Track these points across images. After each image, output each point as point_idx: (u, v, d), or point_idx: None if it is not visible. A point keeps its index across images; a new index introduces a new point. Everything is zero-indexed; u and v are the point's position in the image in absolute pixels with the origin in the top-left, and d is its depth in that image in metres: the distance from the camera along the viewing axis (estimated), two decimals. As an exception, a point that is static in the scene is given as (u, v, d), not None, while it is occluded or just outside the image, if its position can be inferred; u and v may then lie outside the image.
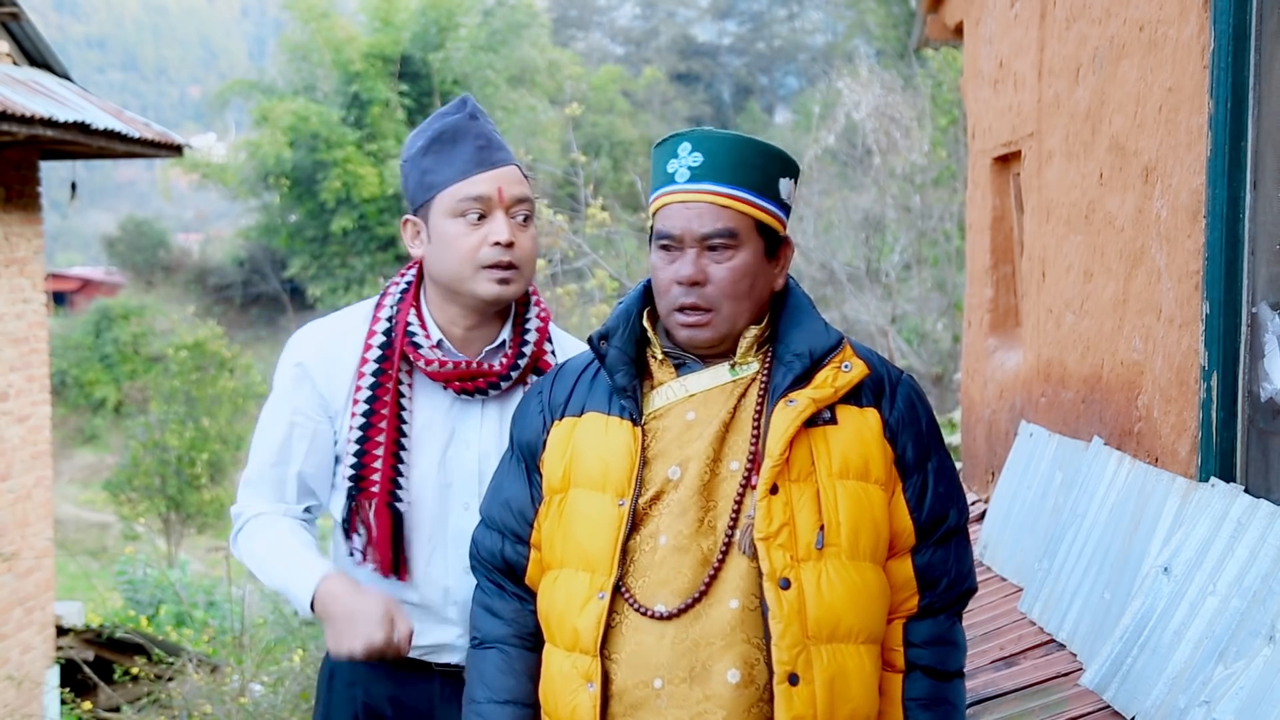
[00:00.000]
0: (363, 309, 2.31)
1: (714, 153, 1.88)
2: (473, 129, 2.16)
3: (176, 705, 6.96)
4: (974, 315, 5.49)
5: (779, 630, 1.80)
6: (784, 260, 1.95)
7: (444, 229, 2.15)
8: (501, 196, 2.15)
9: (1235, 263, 2.80)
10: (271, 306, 29.65)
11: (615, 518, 1.88)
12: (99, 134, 8.19)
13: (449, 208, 2.14)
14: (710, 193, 1.87)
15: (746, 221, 1.88)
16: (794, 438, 1.84)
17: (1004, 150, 4.88)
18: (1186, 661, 2.60)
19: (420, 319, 2.23)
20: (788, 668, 1.80)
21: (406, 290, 2.26)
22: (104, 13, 76.05)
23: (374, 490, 2.20)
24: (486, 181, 2.14)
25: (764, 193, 1.89)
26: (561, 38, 35.41)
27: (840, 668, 1.83)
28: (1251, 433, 2.79)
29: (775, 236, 1.92)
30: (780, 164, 1.92)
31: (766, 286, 1.93)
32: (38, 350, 8.97)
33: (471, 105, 2.21)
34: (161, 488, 17.82)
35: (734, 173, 1.88)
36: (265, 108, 25.86)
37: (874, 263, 13.75)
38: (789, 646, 1.80)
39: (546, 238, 9.26)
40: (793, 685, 1.80)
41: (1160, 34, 3.19)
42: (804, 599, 1.81)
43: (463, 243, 2.14)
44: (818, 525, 1.84)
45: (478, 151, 2.15)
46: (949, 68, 12.93)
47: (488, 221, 2.15)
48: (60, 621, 9.42)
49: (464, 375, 2.20)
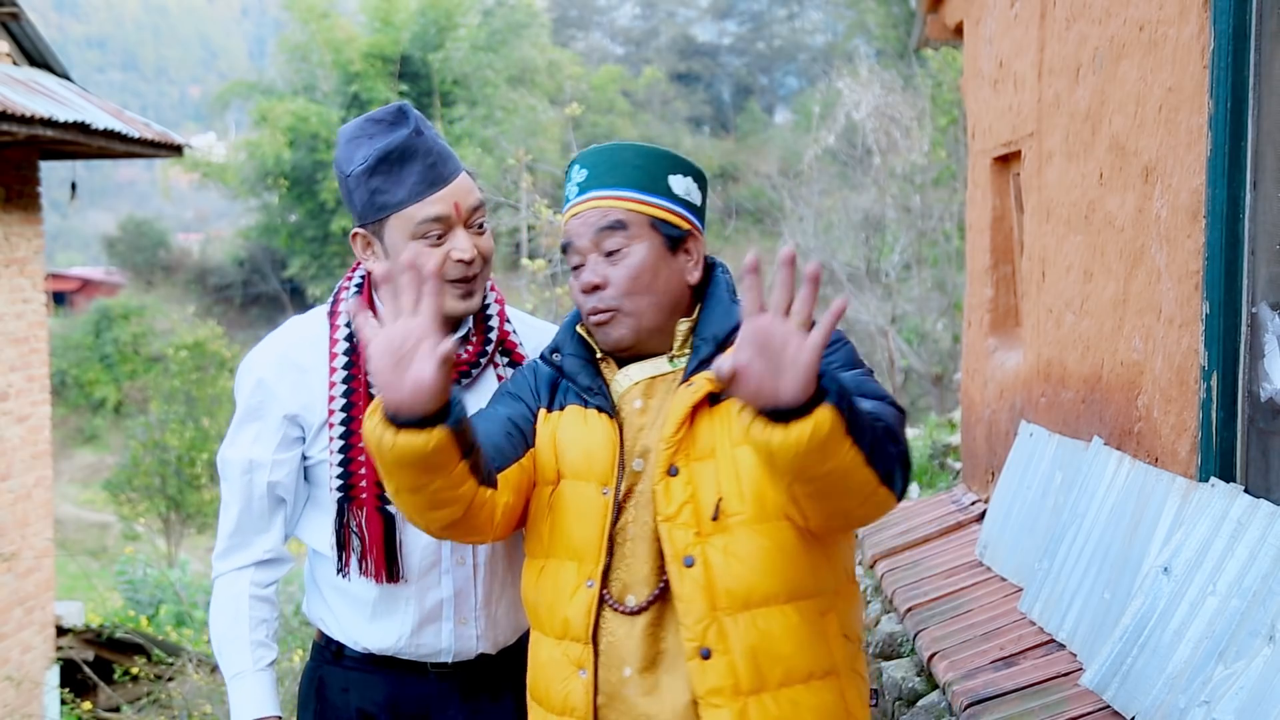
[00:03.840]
0: (314, 317, 2.27)
1: (596, 164, 1.97)
2: (421, 146, 2.10)
3: (176, 705, 6.96)
4: (974, 315, 5.49)
5: (682, 608, 1.86)
6: (693, 252, 1.98)
7: (401, 250, 2.10)
8: (459, 212, 2.12)
9: (1235, 263, 2.80)
10: (271, 306, 29.65)
11: (601, 506, 1.92)
12: (99, 134, 8.19)
13: (407, 230, 2.10)
14: (595, 198, 1.96)
15: (636, 218, 1.94)
16: (693, 417, 1.89)
17: (1004, 150, 4.88)
18: (1186, 661, 2.60)
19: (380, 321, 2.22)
20: (696, 643, 1.85)
21: (358, 294, 2.23)
22: (104, 13, 76.05)
23: (364, 497, 2.18)
24: (443, 201, 2.10)
25: (651, 189, 1.95)
26: (561, 38, 35.41)
27: (763, 633, 1.85)
28: (1251, 433, 2.79)
29: (676, 230, 1.96)
30: (667, 163, 1.97)
31: (675, 280, 1.96)
32: (38, 350, 8.98)
33: (415, 118, 2.15)
34: (161, 488, 17.82)
35: (615, 175, 1.95)
36: (265, 108, 25.87)
37: (874, 263, 13.76)
38: (694, 623, 1.85)
39: (546, 238, 9.26)
40: (705, 659, 1.85)
41: (1160, 34, 3.19)
42: (711, 573, 1.85)
43: (422, 262, 2.11)
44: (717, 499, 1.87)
45: (429, 170, 2.10)
46: (949, 68, 12.93)
47: (448, 238, 2.11)
48: (60, 621, 9.42)
49: None
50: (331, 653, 2.30)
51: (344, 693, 2.28)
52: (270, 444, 2.21)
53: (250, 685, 2.20)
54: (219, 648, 2.25)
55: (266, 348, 2.25)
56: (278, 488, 2.22)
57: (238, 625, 2.22)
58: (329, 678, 2.30)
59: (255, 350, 2.27)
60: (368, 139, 2.12)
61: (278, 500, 2.25)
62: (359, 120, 2.17)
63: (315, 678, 2.32)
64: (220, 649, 2.25)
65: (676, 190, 1.97)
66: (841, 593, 1.93)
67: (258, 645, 2.22)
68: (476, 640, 2.26)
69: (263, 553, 2.26)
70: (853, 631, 1.96)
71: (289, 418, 2.20)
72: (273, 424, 2.20)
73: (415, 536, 2.21)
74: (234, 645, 2.22)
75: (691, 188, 1.99)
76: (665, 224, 1.95)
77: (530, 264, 9.12)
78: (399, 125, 2.12)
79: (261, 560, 2.26)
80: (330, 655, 2.30)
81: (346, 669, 2.28)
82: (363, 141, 2.12)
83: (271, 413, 2.20)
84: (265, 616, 2.25)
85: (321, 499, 2.25)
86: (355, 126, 2.16)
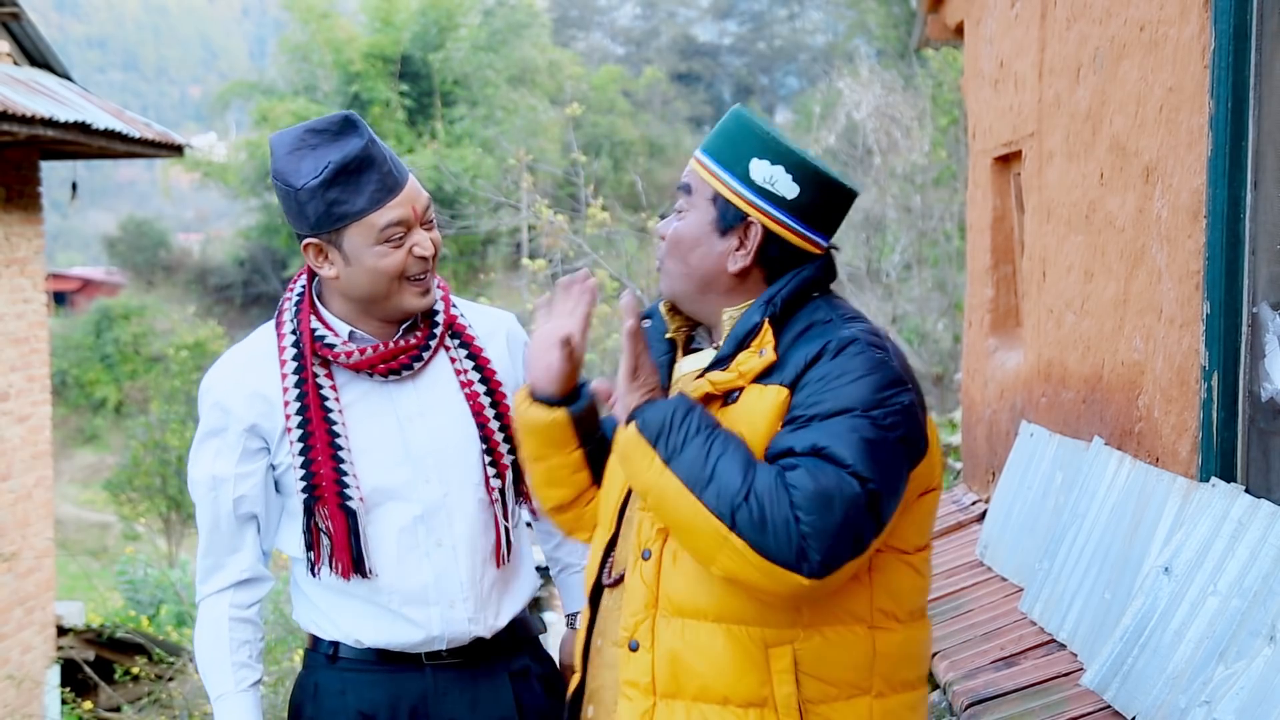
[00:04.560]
0: (264, 332, 2.33)
1: (717, 128, 1.97)
2: (376, 154, 2.16)
3: (177, 705, 6.97)
4: (974, 315, 5.49)
5: (626, 598, 1.90)
6: (743, 242, 1.91)
7: (364, 255, 2.16)
8: (416, 213, 2.19)
9: (1236, 263, 2.80)
10: (272, 306, 29.03)
11: (621, 482, 1.98)
12: (99, 134, 8.19)
13: (370, 236, 2.15)
14: (695, 157, 1.98)
15: (703, 186, 1.94)
16: None
17: (1004, 150, 4.88)
18: (1187, 661, 2.60)
19: (323, 322, 2.26)
20: (628, 634, 1.88)
21: (300, 300, 2.28)
22: (104, 13, 76.05)
23: (326, 496, 2.22)
24: (401, 205, 2.17)
25: (727, 164, 1.91)
26: (562, 38, 35.41)
27: (688, 643, 1.83)
28: (1252, 433, 2.78)
29: (732, 212, 1.91)
30: (757, 145, 1.90)
31: (712, 261, 1.92)
32: (38, 350, 8.98)
33: (364, 128, 2.18)
34: (162, 488, 17.81)
35: (714, 140, 1.95)
36: (265, 108, 25.85)
37: (874, 262, 13.75)
38: (631, 614, 1.88)
39: (547, 238, 9.26)
40: (632, 651, 1.87)
41: (1161, 34, 3.18)
42: (659, 570, 1.87)
43: (387, 263, 2.17)
44: None
45: (385, 177, 2.16)
46: (949, 68, 12.93)
47: (408, 238, 2.18)
48: (61, 621, 9.43)
49: (385, 357, 2.24)
50: (326, 657, 2.31)
51: (341, 695, 2.28)
52: (231, 458, 2.25)
53: (232, 706, 2.25)
54: (203, 670, 2.31)
55: (219, 367, 2.32)
56: (244, 503, 2.26)
57: (218, 648, 2.28)
58: (325, 682, 2.30)
59: (210, 371, 2.33)
60: (310, 150, 2.15)
61: (247, 517, 2.28)
62: (296, 131, 2.19)
63: (310, 685, 2.33)
64: (204, 671, 2.31)
65: (754, 174, 1.89)
66: (823, 633, 1.81)
67: (239, 666, 2.27)
68: (468, 623, 2.27)
69: (239, 573, 2.30)
70: (832, 676, 1.82)
71: (248, 429, 2.25)
72: (232, 438, 2.25)
73: (381, 528, 2.24)
74: (216, 668, 2.28)
75: (780, 177, 1.89)
76: (724, 202, 1.91)
77: (530, 264, 9.13)
78: (348, 134, 2.16)
79: (239, 581, 2.30)
80: (325, 660, 2.31)
81: (343, 671, 2.29)
82: (305, 153, 2.15)
83: (230, 428, 2.25)
84: (247, 638, 2.29)
85: (294, 507, 2.28)
86: (294, 137, 2.17)
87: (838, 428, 1.73)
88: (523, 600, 2.39)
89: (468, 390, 2.30)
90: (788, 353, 1.84)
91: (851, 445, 1.72)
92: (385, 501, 2.25)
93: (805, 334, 1.87)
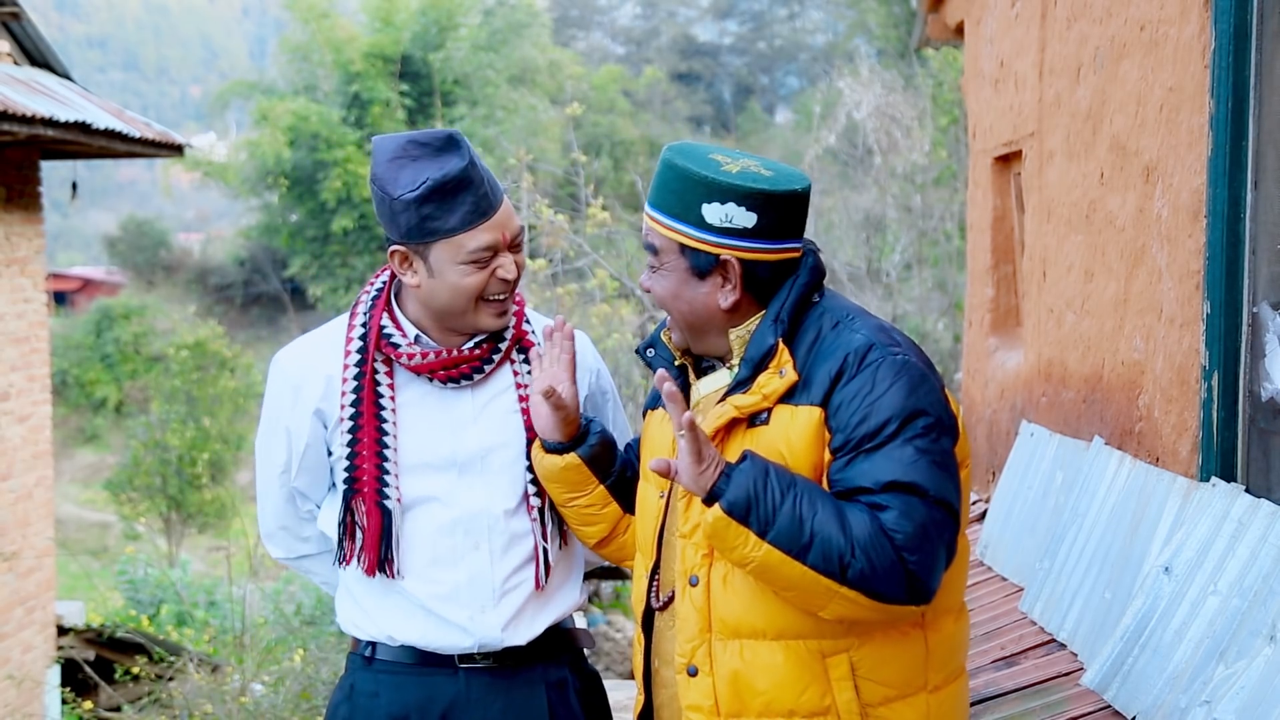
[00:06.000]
0: (339, 321, 2.36)
1: (656, 180, 2.02)
2: (474, 177, 2.16)
3: (177, 705, 6.96)
4: (975, 315, 5.49)
5: (679, 625, 1.94)
6: (726, 279, 1.97)
7: (448, 271, 2.18)
8: (505, 239, 2.21)
9: (1236, 262, 2.80)
10: (272, 306, 29.65)
11: (657, 508, 2.05)
12: (100, 134, 8.20)
13: (457, 255, 2.17)
14: (647, 215, 2.03)
15: (667, 243, 1.99)
16: (727, 435, 1.94)
17: (1005, 150, 4.88)
18: (1187, 661, 2.60)
19: (395, 321, 2.28)
20: (685, 660, 1.93)
21: (378, 297, 2.31)
22: (105, 12, 76.05)
23: (366, 491, 2.23)
24: (492, 230, 2.18)
25: (681, 217, 1.96)
26: (562, 37, 35.39)
27: (748, 663, 1.89)
28: (1252, 432, 2.78)
29: (703, 258, 1.96)
30: (702, 190, 1.93)
31: (702, 303, 1.99)
32: (38, 350, 8.98)
33: (467, 149, 2.19)
34: (162, 487, 17.82)
35: (658, 197, 2.00)
36: (266, 107, 25.83)
37: (875, 262, 13.75)
38: (686, 640, 1.93)
39: (547, 238, 9.26)
40: (691, 676, 1.92)
41: (1161, 33, 3.18)
42: (709, 595, 1.91)
43: (470, 282, 2.19)
44: None
45: (480, 200, 2.17)
46: (950, 67, 12.93)
47: (494, 260, 2.20)
48: (61, 621, 9.43)
49: (447, 364, 2.25)
50: (364, 658, 2.32)
51: (374, 697, 2.28)
52: (302, 425, 2.30)
53: None
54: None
55: (294, 346, 2.38)
56: (310, 453, 2.31)
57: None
58: (359, 684, 2.31)
59: (283, 350, 2.37)
60: (411, 161, 2.16)
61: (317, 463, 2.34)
62: (401, 139, 2.20)
63: (346, 686, 2.34)
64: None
65: (710, 218, 1.94)
66: (876, 638, 1.89)
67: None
68: (500, 629, 2.26)
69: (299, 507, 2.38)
70: (889, 677, 1.90)
71: (314, 413, 2.29)
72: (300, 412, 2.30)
73: (419, 525, 2.25)
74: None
75: (734, 213, 1.93)
76: (693, 251, 1.96)
77: (530, 264, 9.12)
78: (450, 153, 2.17)
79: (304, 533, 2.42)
80: (362, 661, 2.32)
81: (377, 673, 2.29)
82: (406, 164, 2.17)
83: (298, 404, 2.30)
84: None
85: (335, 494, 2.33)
86: (397, 146, 2.19)
87: (897, 453, 1.81)
88: (562, 611, 2.35)
89: (524, 405, 2.30)
90: (808, 369, 1.90)
91: (921, 470, 1.81)
92: (426, 502, 2.26)
93: (818, 346, 1.92)
